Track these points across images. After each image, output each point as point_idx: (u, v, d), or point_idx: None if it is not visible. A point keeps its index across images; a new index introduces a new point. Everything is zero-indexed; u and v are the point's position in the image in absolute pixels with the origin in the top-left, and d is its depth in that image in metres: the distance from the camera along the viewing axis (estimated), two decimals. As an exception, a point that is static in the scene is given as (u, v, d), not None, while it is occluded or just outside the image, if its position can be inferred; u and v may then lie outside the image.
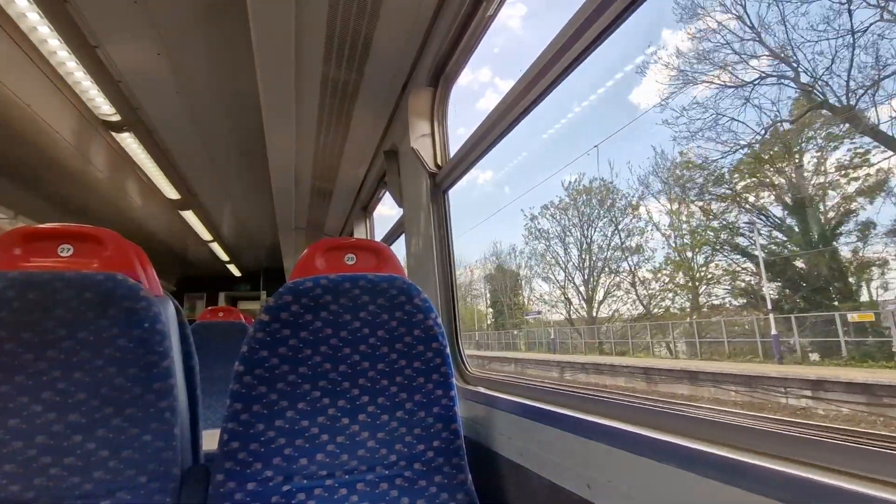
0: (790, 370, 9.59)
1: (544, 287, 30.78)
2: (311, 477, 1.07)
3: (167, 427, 1.08)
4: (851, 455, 0.60)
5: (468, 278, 37.08)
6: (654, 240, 23.19)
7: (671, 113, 23.49)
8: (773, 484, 0.61)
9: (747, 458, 0.66)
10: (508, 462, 1.23)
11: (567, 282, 28.23)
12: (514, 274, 33.63)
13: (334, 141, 2.76)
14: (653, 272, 22.80)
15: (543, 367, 18.71)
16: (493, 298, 35.09)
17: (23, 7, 1.91)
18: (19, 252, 1.12)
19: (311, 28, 1.77)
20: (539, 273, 30.80)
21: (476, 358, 21.73)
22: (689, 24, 16.43)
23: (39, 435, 1.00)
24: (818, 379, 7.98)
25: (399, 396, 1.17)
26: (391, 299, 1.19)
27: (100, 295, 1.07)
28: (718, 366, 11.60)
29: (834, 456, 0.61)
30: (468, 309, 37.12)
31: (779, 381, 8.81)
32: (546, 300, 29.97)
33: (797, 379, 8.41)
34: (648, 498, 0.79)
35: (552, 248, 29.23)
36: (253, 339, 1.08)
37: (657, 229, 22.68)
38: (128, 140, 3.15)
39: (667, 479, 0.76)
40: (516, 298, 33.00)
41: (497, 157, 36.48)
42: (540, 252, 30.26)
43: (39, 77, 2.47)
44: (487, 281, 36.02)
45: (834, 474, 0.58)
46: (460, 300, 21.59)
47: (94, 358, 1.05)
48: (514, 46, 38.37)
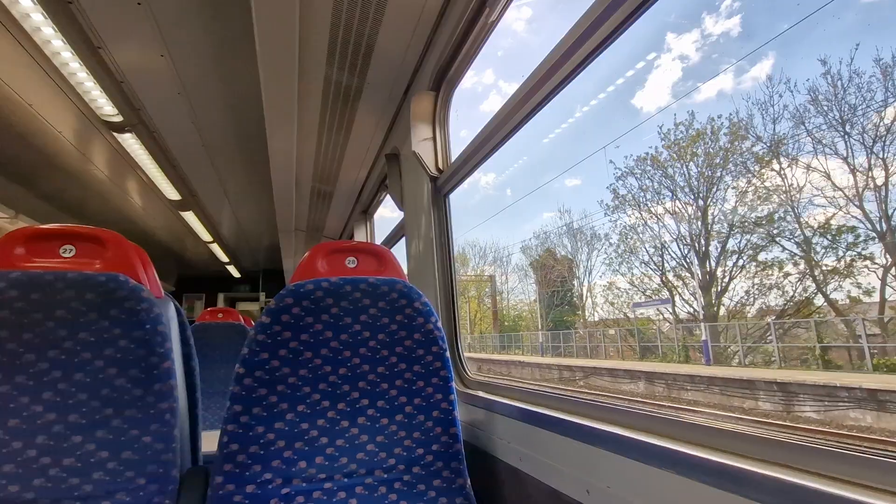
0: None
1: (619, 276, 24.09)
2: (311, 480, 1.07)
3: (167, 429, 1.07)
4: (850, 462, 0.60)
5: (505, 269, 32.00)
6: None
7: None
8: (771, 491, 0.61)
9: (746, 464, 0.66)
10: (507, 466, 1.23)
11: (679, 265, 20.45)
12: (566, 260, 27.83)
13: (336, 143, 2.77)
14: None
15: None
16: (547, 290, 28.41)
17: (27, 7, 1.91)
18: (21, 252, 1.12)
19: (315, 31, 1.78)
20: (618, 255, 23.83)
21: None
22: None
23: (39, 435, 1.00)
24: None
25: (399, 400, 1.17)
26: (392, 303, 1.19)
27: (101, 296, 1.07)
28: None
29: (832, 463, 0.62)
30: (507, 309, 31.78)
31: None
32: (626, 291, 23.36)
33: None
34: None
35: (636, 224, 22.55)
36: (254, 340, 1.08)
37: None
38: (129, 140, 3.15)
39: (666, 486, 0.76)
40: (579, 290, 26.56)
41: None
42: (628, 226, 23.24)
43: (42, 77, 2.48)
44: (535, 270, 29.63)
45: (831, 481, 0.59)
46: (497, 294, 22.09)
47: (95, 359, 1.05)
48: (519, 49, 37.87)
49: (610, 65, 28.79)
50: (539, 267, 29.81)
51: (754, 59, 24.41)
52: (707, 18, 26.93)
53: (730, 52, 25.37)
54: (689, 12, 26.81)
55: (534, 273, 30.29)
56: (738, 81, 25.51)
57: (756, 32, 24.50)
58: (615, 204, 24.55)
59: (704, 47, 27.50)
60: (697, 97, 27.71)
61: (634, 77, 30.46)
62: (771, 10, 23.68)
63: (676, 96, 29.00)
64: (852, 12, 18.37)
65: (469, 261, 35.21)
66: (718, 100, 27.59)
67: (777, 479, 0.61)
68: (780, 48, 21.48)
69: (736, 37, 25.19)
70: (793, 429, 4.79)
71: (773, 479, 0.62)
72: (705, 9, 28.08)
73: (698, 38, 27.28)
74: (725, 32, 25.97)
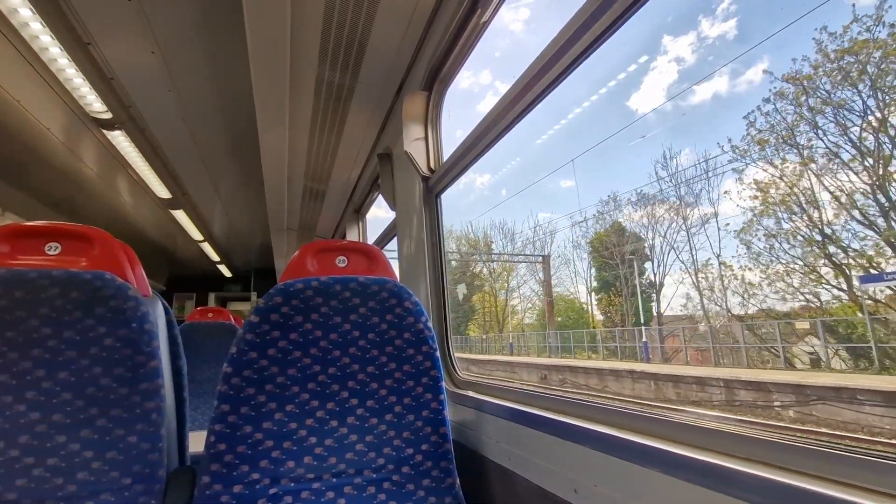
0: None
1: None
2: (299, 480, 1.06)
3: (153, 428, 1.07)
4: (835, 461, 0.61)
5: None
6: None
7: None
8: (756, 490, 0.62)
9: (732, 463, 0.67)
10: (496, 466, 1.24)
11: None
12: (634, 236, 20.54)
13: (328, 142, 2.76)
14: None
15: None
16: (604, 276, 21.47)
17: (16, 3, 1.89)
18: (6, 249, 1.11)
19: (307, 30, 1.77)
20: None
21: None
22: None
23: (23, 435, 0.99)
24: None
25: (388, 399, 1.17)
26: (382, 302, 1.19)
27: (87, 293, 1.06)
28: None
29: (818, 462, 0.62)
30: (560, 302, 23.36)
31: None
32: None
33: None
34: (634, 503, 0.80)
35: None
36: (242, 340, 1.07)
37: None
38: (119, 138, 3.12)
39: (652, 485, 0.77)
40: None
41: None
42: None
43: (30, 73, 2.45)
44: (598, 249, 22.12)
45: (818, 480, 0.59)
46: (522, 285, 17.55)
47: (80, 357, 1.04)
48: (517, 50, 36.82)
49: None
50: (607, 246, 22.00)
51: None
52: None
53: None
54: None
55: (595, 254, 22.63)
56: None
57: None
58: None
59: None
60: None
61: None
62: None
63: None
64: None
65: (492, 242, 28.71)
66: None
67: (763, 478, 0.62)
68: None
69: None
70: (778, 428, 4.79)
71: (759, 479, 0.62)
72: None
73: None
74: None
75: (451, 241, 28.59)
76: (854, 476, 0.58)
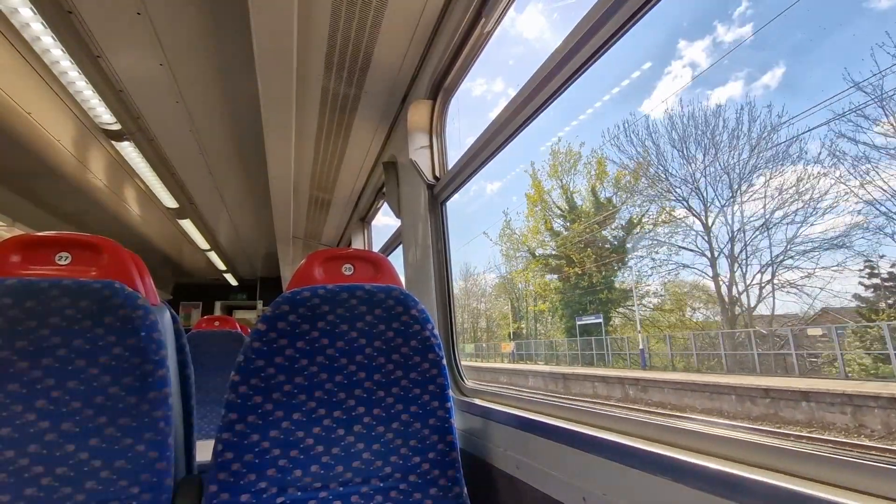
0: None
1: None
2: (306, 489, 1.06)
3: (161, 437, 1.07)
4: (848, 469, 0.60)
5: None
6: None
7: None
8: (767, 498, 0.61)
9: (743, 471, 0.66)
10: (504, 475, 1.23)
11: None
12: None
13: (333, 152, 2.78)
14: None
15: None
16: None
17: (27, 17, 1.93)
18: (17, 260, 1.12)
19: (313, 42, 1.79)
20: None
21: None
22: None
23: (32, 444, 0.99)
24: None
25: (395, 408, 1.17)
26: (388, 310, 1.19)
27: (96, 303, 1.06)
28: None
29: (830, 470, 0.61)
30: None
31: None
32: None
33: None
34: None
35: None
36: (249, 348, 1.07)
37: None
38: (127, 149, 3.16)
39: (662, 493, 0.76)
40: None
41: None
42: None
43: (41, 85, 2.49)
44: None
45: (831, 488, 0.59)
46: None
47: (89, 366, 1.04)
48: (531, 57, 36.78)
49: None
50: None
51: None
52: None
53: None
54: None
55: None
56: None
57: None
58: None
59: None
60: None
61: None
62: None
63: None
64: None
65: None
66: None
67: (772, 486, 0.61)
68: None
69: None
70: (788, 435, 4.63)
71: (768, 486, 0.62)
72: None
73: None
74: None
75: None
76: (863, 483, 0.57)
